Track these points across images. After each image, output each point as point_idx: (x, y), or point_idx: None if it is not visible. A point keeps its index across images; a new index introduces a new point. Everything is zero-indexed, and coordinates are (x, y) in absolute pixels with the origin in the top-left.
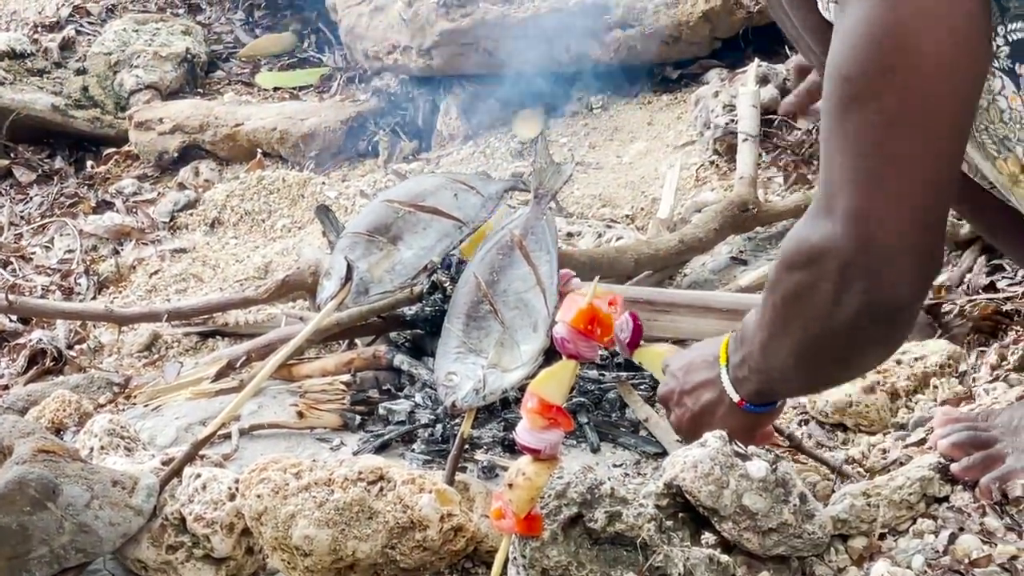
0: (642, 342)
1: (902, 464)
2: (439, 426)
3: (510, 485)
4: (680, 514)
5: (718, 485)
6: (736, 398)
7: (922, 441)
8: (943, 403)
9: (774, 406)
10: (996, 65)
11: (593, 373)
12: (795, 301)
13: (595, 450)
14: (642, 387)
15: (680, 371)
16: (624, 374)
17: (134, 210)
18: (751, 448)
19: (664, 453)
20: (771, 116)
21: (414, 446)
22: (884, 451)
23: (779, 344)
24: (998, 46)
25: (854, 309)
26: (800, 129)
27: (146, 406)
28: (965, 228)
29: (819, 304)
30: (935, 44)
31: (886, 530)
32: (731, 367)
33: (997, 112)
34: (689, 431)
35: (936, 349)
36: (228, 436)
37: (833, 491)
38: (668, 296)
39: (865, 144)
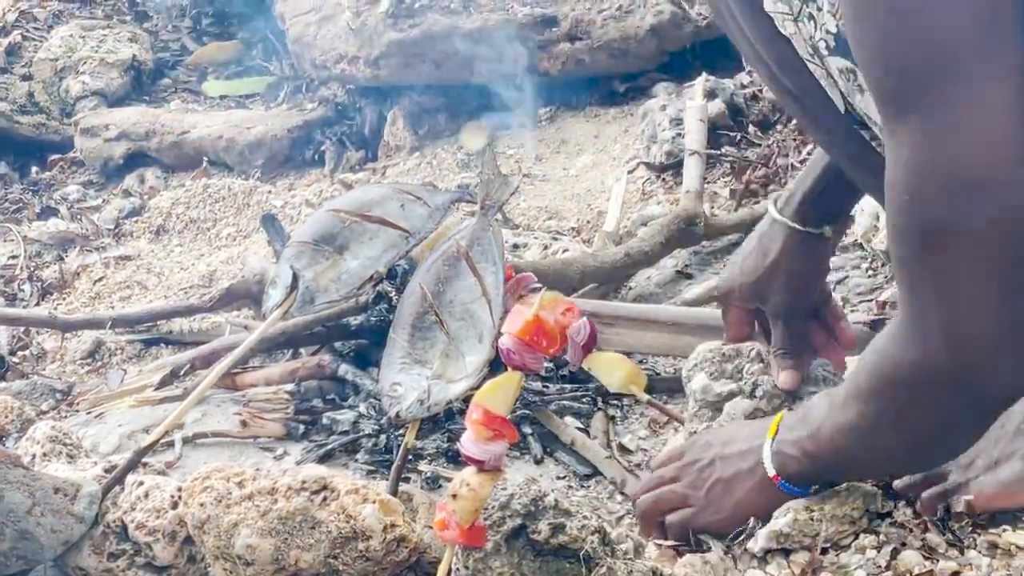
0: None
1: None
2: (383, 436)
3: (454, 496)
4: None
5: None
6: (772, 472)
7: None
8: None
9: (808, 491)
10: None
11: (537, 385)
12: (894, 418)
13: (539, 461)
14: (584, 399)
15: (720, 439)
16: (568, 386)
17: (79, 217)
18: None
19: (595, 473)
20: (719, 131)
21: (358, 456)
22: None
23: (864, 449)
24: None
25: (960, 416)
26: (759, 144)
27: (89, 413)
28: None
29: (924, 417)
30: (999, 175)
31: (828, 545)
32: (778, 442)
33: None
34: (708, 498)
35: None
36: (171, 444)
37: None
38: (613, 309)
39: (951, 271)
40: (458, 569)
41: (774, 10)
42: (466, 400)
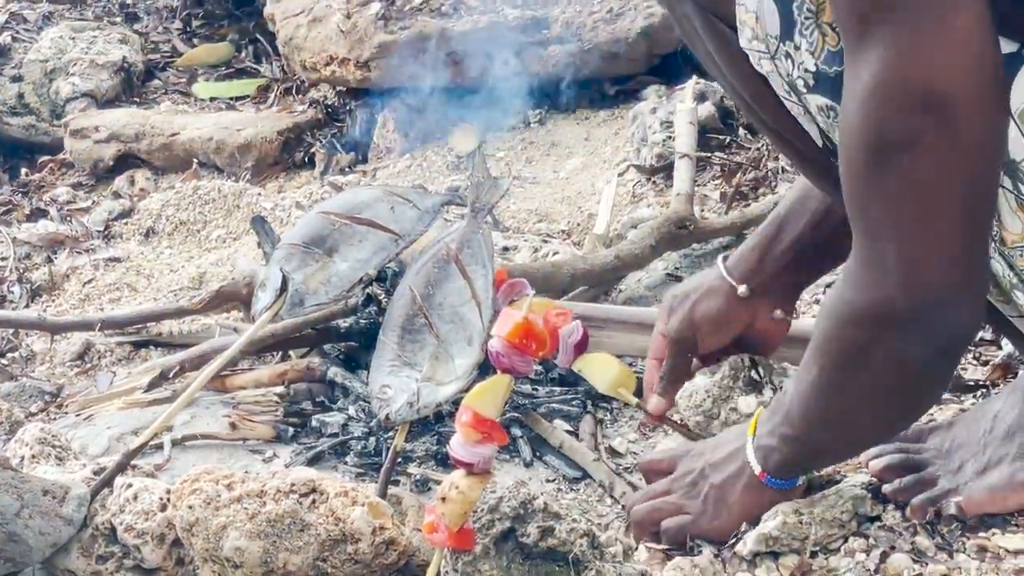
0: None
1: (835, 482)
2: (372, 439)
3: (443, 499)
4: None
5: (707, 416)
6: (758, 469)
7: None
8: None
9: (794, 484)
10: None
11: (526, 388)
12: (854, 361)
13: (528, 464)
14: (574, 402)
15: (709, 447)
16: (557, 389)
17: (68, 218)
18: None
19: (584, 476)
20: (710, 134)
21: (347, 459)
22: None
23: (829, 406)
24: None
25: (921, 356)
26: (749, 148)
27: (78, 415)
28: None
29: (883, 360)
30: (963, 95)
31: (818, 548)
32: (757, 438)
33: None
34: (704, 504)
35: None
36: (160, 446)
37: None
38: (603, 312)
39: (906, 194)
40: (447, 572)
41: (750, 48)
42: (456, 402)
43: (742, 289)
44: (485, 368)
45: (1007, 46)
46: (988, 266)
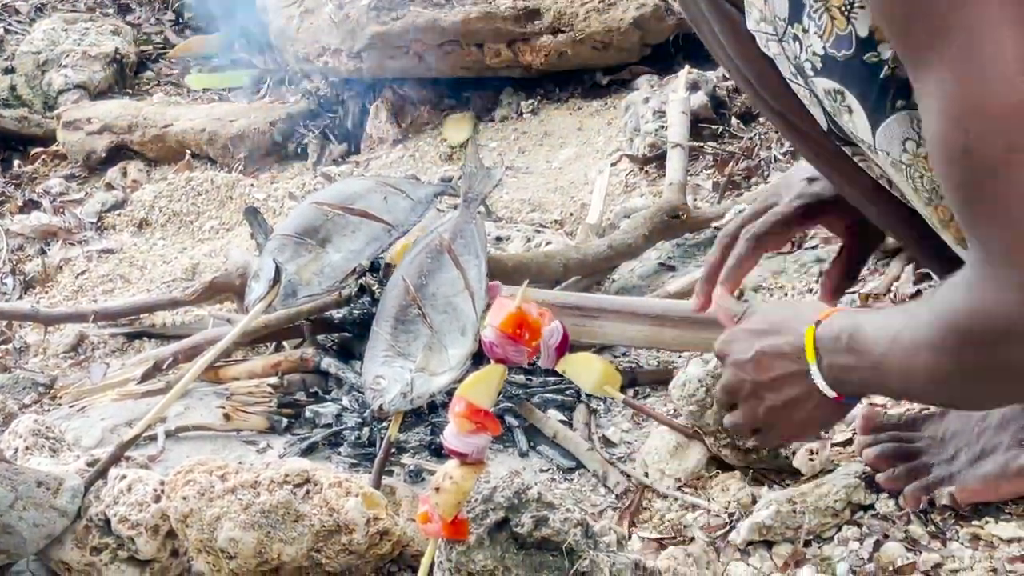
0: (567, 352)
1: (828, 471)
2: (366, 429)
3: (437, 489)
4: None
5: (700, 406)
6: (832, 394)
7: (848, 441)
8: (869, 404)
9: (859, 400)
10: None
11: (520, 378)
12: (979, 374)
13: (523, 454)
14: (567, 392)
15: (750, 364)
16: (551, 379)
17: (61, 210)
18: None
19: (578, 466)
20: (702, 123)
21: (341, 449)
22: (812, 452)
23: (938, 393)
24: None
25: (1012, 373)
26: (742, 137)
27: (72, 407)
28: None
29: (1011, 374)
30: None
31: (811, 537)
32: (827, 367)
33: (928, 163)
34: (768, 422)
35: None
36: (154, 438)
37: (755, 500)
38: (596, 301)
39: (1008, 213)
40: (441, 562)
41: (757, 30)
42: (449, 393)
43: None
44: (479, 358)
45: None
46: None
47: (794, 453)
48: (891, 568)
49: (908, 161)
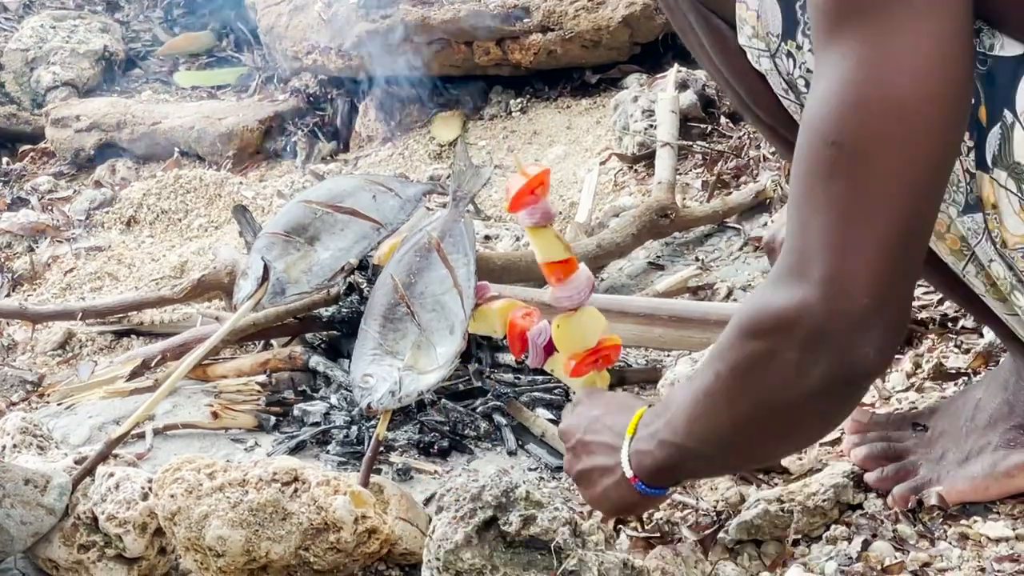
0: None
1: (817, 471)
2: (354, 428)
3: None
4: None
5: None
6: (629, 474)
7: (837, 441)
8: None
9: (664, 492)
10: None
11: (509, 376)
12: (750, 371)
13: (511, 453)
14: (556, 391)
15: (586, 419)
16: (540, 378)
17: (50, 207)
18: None
19: None
20: (691, 122)
21: (329, 447)
22: (800, 451)
23: (717, 415)
24: None
25: (820, 378)
26: (731, 136)
27: (59, 405)
28: None
29: (780, 374)
30: (925, 110)
31: (800, 536)
32: (636, 439)
33: None
34: (578, 481)
35: None
36: (142, 435)
37: (743, 498)
38: None
39: (849, 209)
40: (429, 561)
41: (749, 46)
42: (437, 392)
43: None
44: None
45: (1013, 48)
46: (910, 308)
47: None
48: (879, 567)
49: None
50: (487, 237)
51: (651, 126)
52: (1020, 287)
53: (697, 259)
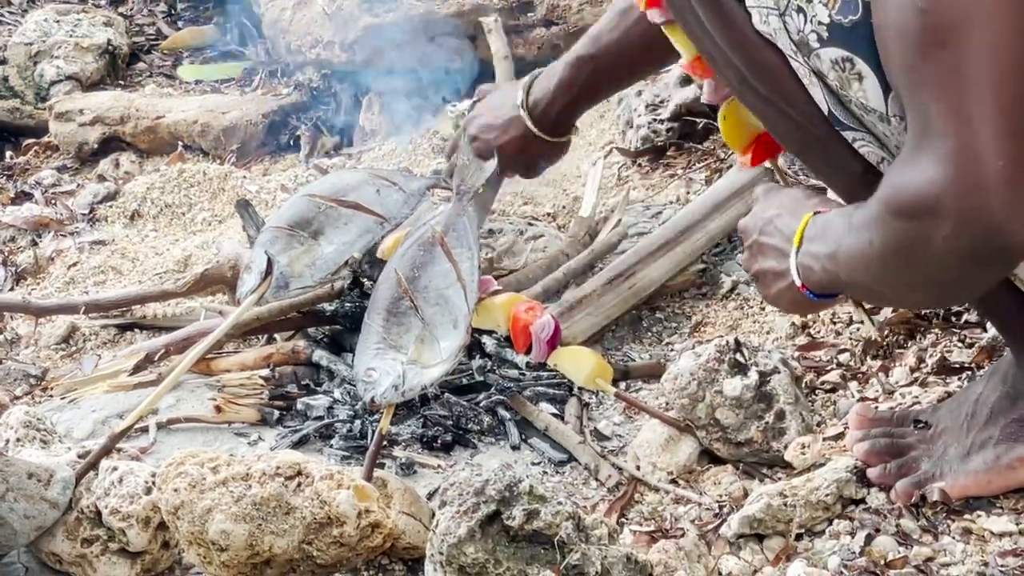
0: (559, 345)
1: (820, 466)
2: (358, 422)
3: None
4: None
5: (692, 399)
6: (798, 282)
7: (840, 435)
8: (861, 399)
9: (834, 298)
10: None
11: (513, 372)
12: (901, 248)
13: (515, 447)
14: (560, 385)
15: (761, 220)
16: (544, 374)
17: (53, 201)
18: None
19: (570, 459)
20: (692, 117)
21: (332, 442)
22: (803, 445)
23: (874, 273)
24: None
25: (968, 251)
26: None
27: (63, 398)
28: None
29: (931, 252)
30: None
31: (802, 531)
32: (801, 253)
33: None
34: (756, 277)
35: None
36: (145, 430)
37: (746, 493)
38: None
39: (961, 79)
40: (433, 555)
41: (756, 5)
42: (440, 386)
43: (543, 135)
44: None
45: None
46: None
47: (786, 447)
48: (882, 562)
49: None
50: (490, 231)
51: (655, 120)
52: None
53: (702, 257)
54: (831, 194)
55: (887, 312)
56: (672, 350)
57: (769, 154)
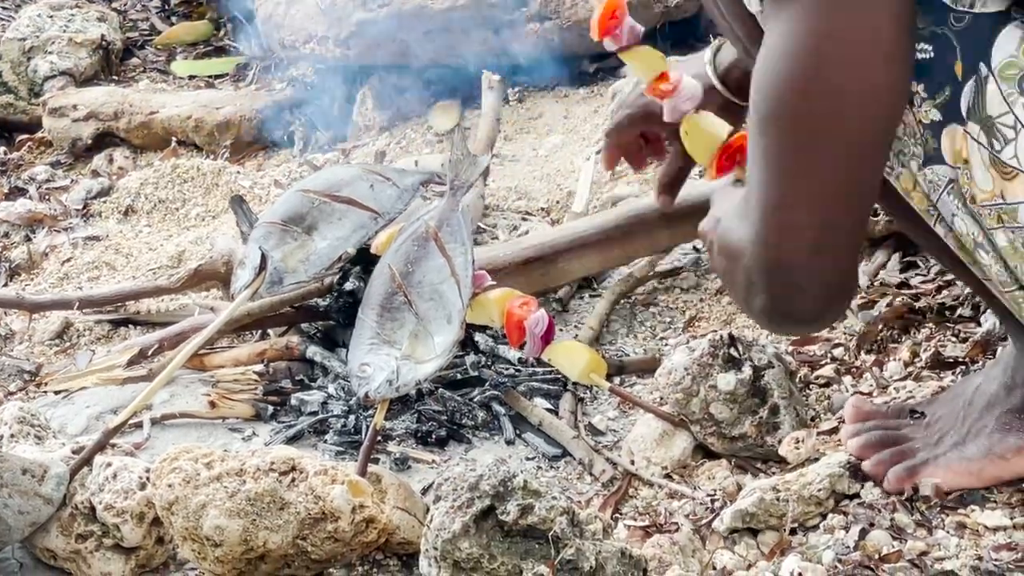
0: (553, 340)
1: (814, 460)
2: (352, 417)
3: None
4: None
5: (686, 394)
6: None
7: (834, 430)
8: (855, 393)
9: None
10: None
11: (508, 369)
12: (724, 277)
13: (509, 442)
14: (554, 380)
15: (718, 220)
16: (539, 370)
17: (47, 197)
18: None
19: (564, 454)
20: None
21: (326, 437)
22: (797, 440)
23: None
24: None
25: (766, 310)
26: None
27: (57, 394)
28: (879, 225)
29: (739, 291)
30: (855, 75)
31: (796, 525)
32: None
33: None
34: (719, 276)
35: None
36: (139, 425)
37: (740, 488)
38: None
39: (776, 165)
40: (427, 551)
41: None
42: (435, 381)
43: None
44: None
45: (996, 4)
46: (853, 260)
47: (780, 442)
48: (877, 556)
49: None
50: (484, 227)
51: None
52: (985, 245)
53: (695, 249)
54: None
55: (882, 306)
56: (666, 345)
57: (733, 164)
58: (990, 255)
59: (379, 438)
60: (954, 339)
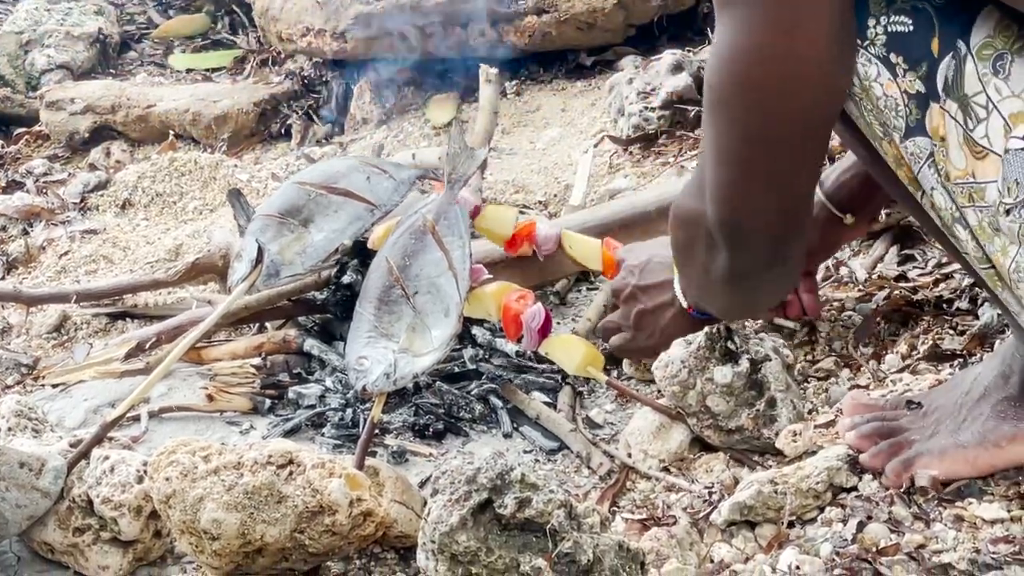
0: (551, 334)
1: (811, 453)
2: (349, 410)
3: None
4: None
5: (683, 387)
6: (685, 304)
7: (831, 423)
8: (853, 386)
9: (708, 316)
10: (872, 52)
11: (505, 362)
12: (684, 249)
13: (507, 436)
14: (552, 374)
15: (637, 268)
16: (539, 366)
17: (44, 190)
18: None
19: (562, 447)
20: (685, 105)
21: (324, 430)
22: (795, 433)
23: (688, 275)
24: (876, 33)
25: (729, 269)
26: None
27: (54, 387)
28: (879, 218)
29: (701, 259)
30: (791, 67)
31: (794, 518)
32: (679, 276)
33: (873, 98)
34: (638, 326)
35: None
36: (137, 418)
37: (737, 481)
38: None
39: (719, 151)
40: (424, 544)
41: None
42: (432, 374)
43: (848, 219)
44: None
45: None
46: (799, 245)
47: (777, 434)
48: (874, 549)
49: (858, 95)
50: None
51: (646, 108)
52: (962, 221)
53: None
54: None
55: (879, 299)
56: None
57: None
58: (966, 231)
59: (376, 431)
60: (952, 332)
